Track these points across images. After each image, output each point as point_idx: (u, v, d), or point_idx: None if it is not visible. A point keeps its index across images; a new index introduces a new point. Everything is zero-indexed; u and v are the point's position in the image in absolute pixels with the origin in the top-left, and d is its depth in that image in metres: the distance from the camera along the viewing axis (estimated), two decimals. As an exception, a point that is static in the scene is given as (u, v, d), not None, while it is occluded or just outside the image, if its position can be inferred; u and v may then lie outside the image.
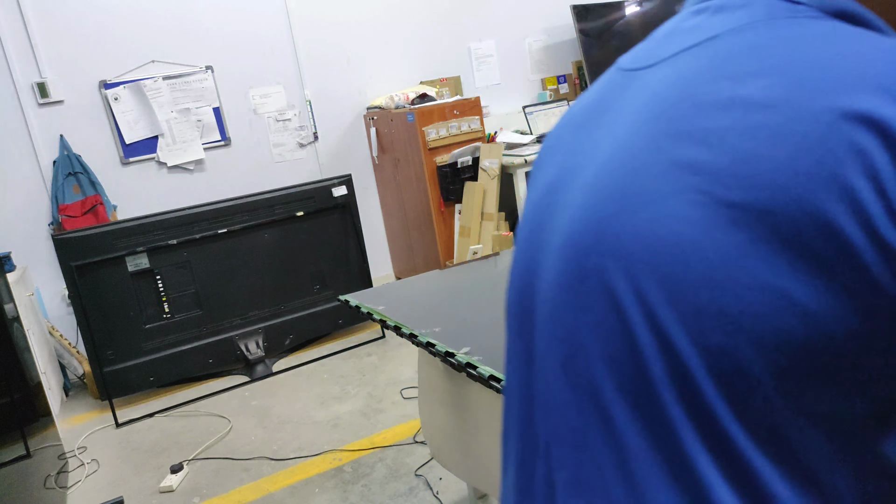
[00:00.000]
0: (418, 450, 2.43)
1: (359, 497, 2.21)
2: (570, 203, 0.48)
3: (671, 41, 0.48)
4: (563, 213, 0.48)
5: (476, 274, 1.93)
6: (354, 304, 1.79)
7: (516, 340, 0.54)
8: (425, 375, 1.82)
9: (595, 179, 0.46)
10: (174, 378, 3.37)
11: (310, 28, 4.14)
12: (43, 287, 3.61)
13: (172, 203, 3.81)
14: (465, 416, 1.63)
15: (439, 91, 4.34)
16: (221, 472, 2.51)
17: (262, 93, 4.06)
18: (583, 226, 0.45)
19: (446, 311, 1.65)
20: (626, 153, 0.44)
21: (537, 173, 0.58)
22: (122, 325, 3.22)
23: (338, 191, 3.60)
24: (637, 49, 0.52)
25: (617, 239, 0.42)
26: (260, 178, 4.09)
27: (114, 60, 3.66)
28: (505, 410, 0.56)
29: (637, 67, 0.49)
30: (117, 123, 3.68)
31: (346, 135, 4.34)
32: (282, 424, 2.82)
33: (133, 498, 2.43)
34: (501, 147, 3.75)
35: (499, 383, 1.22)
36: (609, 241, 0.43)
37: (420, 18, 4.47)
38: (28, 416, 2.27)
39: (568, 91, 5.00)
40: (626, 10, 4.75)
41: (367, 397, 2.95)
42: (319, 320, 3.66)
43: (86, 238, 3.09)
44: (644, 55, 0.50)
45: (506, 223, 3.78)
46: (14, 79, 3.44)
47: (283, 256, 3.55)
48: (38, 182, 3.55)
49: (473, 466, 1.66)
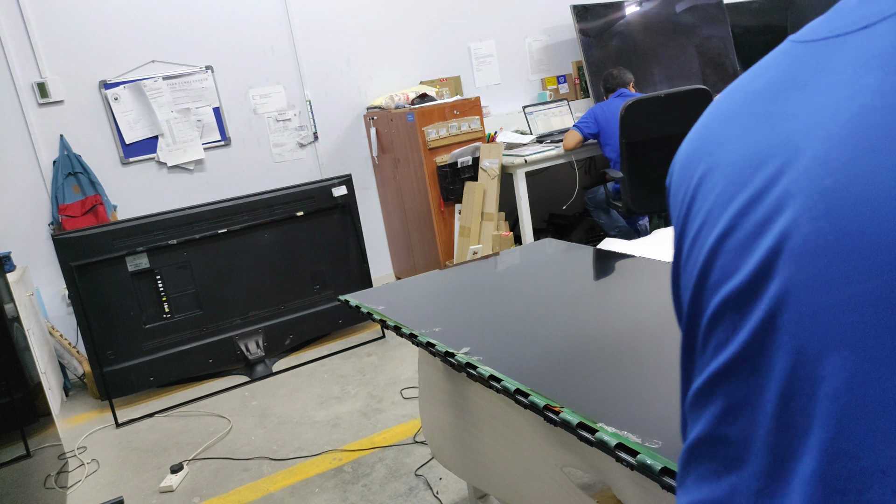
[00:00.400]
0: (418, 450, 2.42)
1: (359, 497, 2.20)
2: (814, 165, 0.44)
3: (875, 5, 0.46)
4: (804, 178, 0.45)
5: (476, 274, 1.93)
6: (354, 304, 1.79)
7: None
8: (425, 375, 1.82)
9: (840, 138, 0.43)
10: (174, 378, 3.37)
11: (310, 28, 4.14)
12: (43, 287, 3.61)
13: (172, 203, 3.81)
14: (466, 416, 1.63)
15: (439, 91, 4.34)
16: (221, 472, 2.51)
17: (262, 93, 4.06)
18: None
19: (446, 311, 1.65)
20: (872, 106, 0.42)
21: (713, 152, 0.54)
22: (122, 325, 3.22)
23: (338, 191, 3.60)
24: (820, 22, 0.51)
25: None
26: (260, 178, 4.09)
27: (114, 60, 3.66)
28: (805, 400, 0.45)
29: (837, 34, 0.48)
30: (117, 123, 3.68)
31: (346, 135, 4.34)
32: (282, 424, 2.82)
33: (133, 498, 2.43)
34: (501, 147, 3.75)
35: (499, 383, 1.22)
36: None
37: (420, 18, 4.47)
38: (28, 416, 2.26)
39: (568, 91, 5.00)
40: (626, 10, 4.75)
41: (367, 397, 2.95)
42: (319, 320, 3.66)
43: (86, 238, 3.09)
44: (841, 23, 0.48)
45: (506, 223, 3.78)
46: (14, 79, 3.44)
47: (283, 256, 3.55)
48: (38, 182, 3.55)
49: (474, 466, 1.65)
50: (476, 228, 3.77)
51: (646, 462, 0.90)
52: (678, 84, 4.80)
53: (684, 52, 4.92)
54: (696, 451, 0.52)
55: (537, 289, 1.71)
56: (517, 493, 1.48)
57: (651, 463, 0.89)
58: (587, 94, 4.87)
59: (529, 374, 1.23)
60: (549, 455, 1.30)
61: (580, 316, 1.48)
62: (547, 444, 1.30)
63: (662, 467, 0.88)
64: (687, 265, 0.54)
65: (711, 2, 4.99)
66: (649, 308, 1.46)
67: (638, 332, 1.34)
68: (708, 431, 0.50)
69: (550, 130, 4.43)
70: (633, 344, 1.29)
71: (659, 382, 1.13)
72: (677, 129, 3.35)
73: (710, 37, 5.00)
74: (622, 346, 1.29)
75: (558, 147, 3.80)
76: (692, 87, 3.32)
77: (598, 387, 1.15)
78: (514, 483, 1.48)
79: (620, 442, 0.95)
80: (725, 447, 0.49)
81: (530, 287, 1.73)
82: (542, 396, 1.13)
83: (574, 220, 4.68)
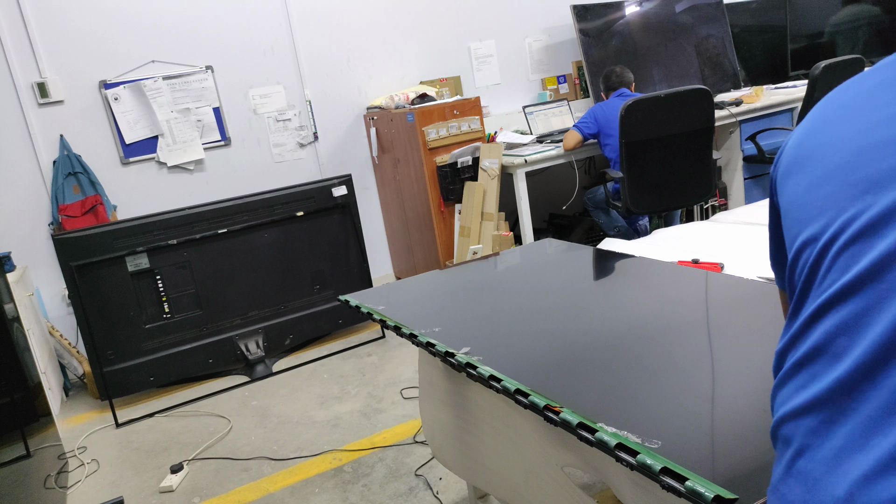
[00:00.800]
0: (418, 450, 2.43)
1: (359, 497, 2.21)
2: None
3: None
4: None
5: (476, 274, 1.93)
6: (354, 304, 1.79)
7: None
8: (426, 375, 1.82)
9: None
10: (174, 378, 3.37)
11: (310, 28, 4.14)
12: (43, 287, 3.61)
13: (172, 203, 3.81)
14: (466, 416, 1.63)
15: (439, 91, 4.34)
16: (221, 472, 2.51)
17: (262, 93, 4.06)
18: None
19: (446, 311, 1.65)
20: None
21: (834, 130, 0.70)
22: (122, 325, 3.23)
23: (338, 191, 3.60)
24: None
25: None
26: (260, 178, 4.09)
27: (114, 60, 3.66)
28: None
29: None
30: (117, 123, 3.68)
31: (346, 135, 4.34)
32: (282, 424, 2.82)
33: (133, 498, 2.43)
34: (501, 147, 3.75)
35: (499, 383, 1.22)
36: None
37: (420, 18, 4.47)
38: (28, 416, 2.27)
39: (568, 91, 5.00)
40: (626, 10, 4.75)
41: (367, 397, 2.95)
42: (319, 320, 3.66)
43: (86, 238, 3.09)
44: None
45: (506, 223, 3.78)
46: (14, 79, 3.44)
47: (283, 256, 3.55)
48: (38, 182, 3.55)
49: (474, 466, 1.66)
50: (476, 228, 3.77)
51: (645, 462, 0.90)
52: (677, 84, 4.81)
53: (683, 52, 4.92)
54: (801, 363, 0.65)
55: (537, 289, 1.71)
56: (517, 493, 1.48)
57: (651, 463, 0.89)
58: (587, 94, 4.87)
59: (529, 374, 1.23)
60: (550, 455, 1.30)
61: (580, 316, 1.48)
62: (547, 443, 1.30)
63: (662, 467, 0.88)
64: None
65: (710, 2, 4.99)
66: (649, 308, 1.46)
67: (638, 332, 1.34)
68: (819, 344, 0.63)
69: (550, 130, 4.44)
70: (633, 344, 1.30)
71: (659, 382, 1.13)
72: (677, 129, 3.35)
73: (709, 36, 5.00)
74: (622, 346, 1.30)
75: (558, 147, 3.80)
76: (692, 87, 3.32)
77: (598, 387, 1.15)
78: (515, 483, 1.48)
79: (620, 442, 0.95)
80: (830, 356, 0.61)
81: (530, 287, 1.74)
82: (542, 396, 1.13)
83: (574, 220, 4.68)
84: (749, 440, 0.92)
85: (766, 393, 1.04)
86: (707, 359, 1.18)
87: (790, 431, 0.65)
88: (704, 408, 1.02)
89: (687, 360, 1.19)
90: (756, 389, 1.05)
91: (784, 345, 0.70)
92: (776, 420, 0.68)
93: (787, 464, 0.64)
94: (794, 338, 0.68)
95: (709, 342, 1.25)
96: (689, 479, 0.84)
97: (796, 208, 0.71)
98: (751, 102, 4.37)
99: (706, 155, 3.47)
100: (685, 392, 1.08)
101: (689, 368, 1.16)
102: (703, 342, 1.25)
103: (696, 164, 3.47)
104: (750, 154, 4.34)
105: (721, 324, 1.32)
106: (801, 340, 0.66)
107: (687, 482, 0.84)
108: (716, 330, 1.29)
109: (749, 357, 1.16)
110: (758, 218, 2.42)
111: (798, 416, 0.64)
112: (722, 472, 0.85)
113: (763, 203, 2.64)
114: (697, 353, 1.21)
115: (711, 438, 0.94)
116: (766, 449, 0.90)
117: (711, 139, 3.46)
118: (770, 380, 1.07)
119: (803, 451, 0.62)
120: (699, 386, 1.09)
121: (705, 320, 1.35)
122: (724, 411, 1.01)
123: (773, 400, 0.71)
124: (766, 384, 1.06)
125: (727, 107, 4.24)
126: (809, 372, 0.64)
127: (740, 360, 1.16)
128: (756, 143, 4.16)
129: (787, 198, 0.73)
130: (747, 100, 4.41)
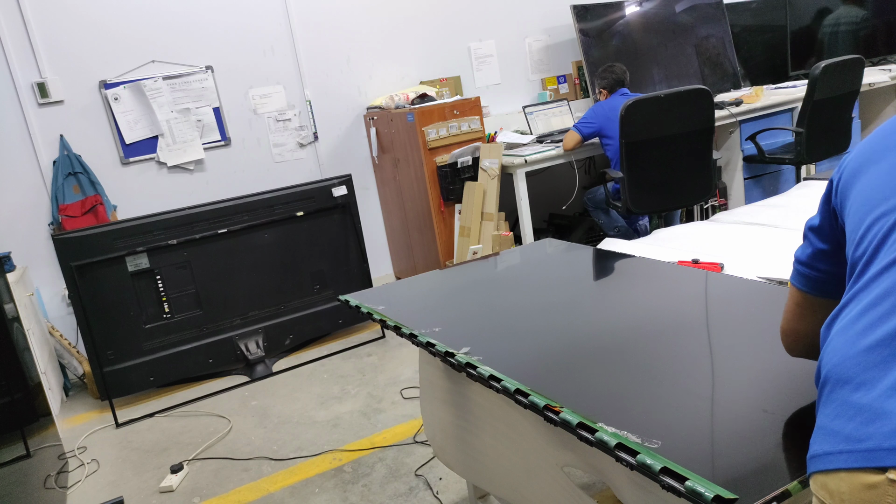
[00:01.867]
0: (418, 450, 2.43)
1: (359, 497, 2.21)
2: None
3: None
4: None
5: (476, 274, 1.93)
6: (354, 304, 1.79)
7: None
8: (426, 374, 1.82)
9: None
10: (174, 378, 3.37)
11: (310, 28, 4.14)
12: (43, 287, 3.61)
13: (172, 203, 3.81)
14: (467, 416, 1.63)
15: (439, 91, 4.34)
16: (221, 472, 2.51)
17: (262, 93, 4.06)
18: None
19: (446, 311, 1.65)
20: None
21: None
22: (122, 325, 3.23)
23: (338, 191, 3.60)
24: None
25: None
26: (260, 178, 4.09)
27: (114, 60, 3.66)
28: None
29: None
30: (117, 123, 3.68)
31: (346, 135, 4.34)
32: (282, 424, 2.82)
33: (133, 498, 2.43)
34: (501, 147, 3.75)
35: (499, 383, 1.22)
36: None
37: (420, 18, 4.47)
38: (28, 416, 2.27)
39: (568, 91, 5.00)
40: (626, 10, 4.75)
41: (367, 397, 2.95)
42: (319, 320, 3.66)
43: (86, 238, 3.09)
44: None
45: (506, 223, 3.78)
46: (14, 79, 3.44)
47: (283, 256, 3.55)
48: (38, 182, 3.55)
49: (475, 465, 1.66)
50: (476, 228, 3.77)
51: (645, 462, 0.90)
52: (677, 84, 4.81)
53: (683, 52, 4.92)
54: (870, 307, 0.73)
55: (537, 289, 1.71)
56: (518, 493, 1.48)
57: (651, 463, 0.89)
58: (587, 94, 4.88)
59: (529, 374, 1.23)
60: (550, 455, 1.30)
61: (580, 316, 1.48)
62: (547, 443, 1.30)
63: (662, 467, 0.88)
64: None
65: (710, 1, 4.99)
66: (649, 308, 1.46)
67: (638, 332, 1.34)
68: (889, 289, 0.72)
69: (550, 130, 4.44)
70: (632, 344, 1.30)
71: (659, 382, 1.13)
72: (677, 129, 3.35)
73: (709, 36, 5.00)
74: (622, 346, 1.30)
75: (558, 147, 3.81)
76: (692, 87, 3.32)
77: (598, 387, 1.15)
78: (515, 482, 1.48)
79: (620, 442, 0.95)
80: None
81: (530, 287, 1.74)
82: (541, 396, 1.13)
83: (574, 220, 4.68)
84: (749, 440, 0.92)
85: (765, 393, 1.04)
86: (707, 359, 1.18)
87: (848, 370, 0.71)
88: (704, 408, 1.02)
89: (687, 360, 1.19)
90: (756, 389, 1.05)
91: (847, 300, 0.78)
92: (835, 362, 0.74)
93: (842, 401, 0.70)
94: (859, 290, 0.76)
95: (709, 342, 1.25)
96: (688, 479, 0.84)
97: (866, 197, 0.81)
98: (751, 102, 4.37)
99: (706, 155, 3.47)
100: (685, 392, 1.08)
101: (689, 368, 1.16)
102: (703, 342, 1.25)
103: (696, 164, 3.47)
104: (750, 154, 4.34)
105: (721, 324, 1.32)
106: (870, 289, 0.74)
107: (687, 482, 0.84)
108: (716, 330, 1.29)
109: (749, 357, 1.16)
110: (758, 218, 2.42)
111: (860, 355, 0.70)
112: (722, 472, 0.85)
113: (763, 203, 2.64)
114: (697, 353, 1.21)
115: (711, 438, 0.94)
116: (766, 449, 0.90)
117: (711, 139, 3.46)
118: (769, 380, 1.07)
119: (861, 386, 0.68)
120: (699, 386, 1.09)
121: (705, 320, 1.35)
122: (723, 411, 1.01)
123: (827, 345, 0.78)
124: (765, 384, 1.06)
125: (727, 107, 4.24)
126: (878, 312, 0.71)
127: (740, 360, 1.16)
128: (756, 143, 4.16)
129: (858, 190, 0.83)
130: (747, 100, 4.41)
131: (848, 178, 0.87)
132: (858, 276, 0.78)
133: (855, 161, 0.87)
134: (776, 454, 0.88)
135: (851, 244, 0.82)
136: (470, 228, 3.79)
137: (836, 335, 0.76)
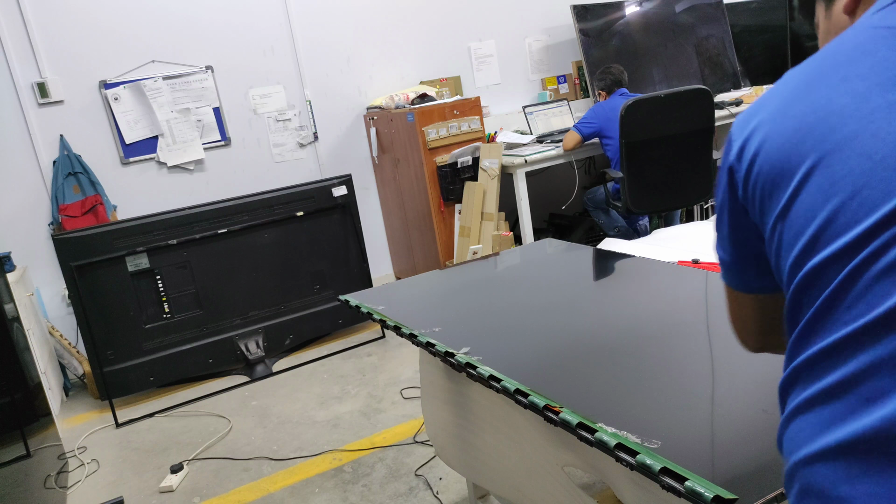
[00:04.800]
0: (418, 450, 2.43)
1: (359, 497, 2.21)
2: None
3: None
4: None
5: (476, 274, 1.93)
6: (354, 304, 1.79)
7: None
8: (427, 374, 1.82)
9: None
10: (174, 378, 3.37)
11: (310, 28, 4.14)
12: (43, 287, 3.61)
13: (172, 203, 3.81)
14: (467, 415, 1.63)
15: (439, 91, 4.34)
16: (221, 472, 2.51)
17: (262, 93, 4.06)
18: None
19: (446, 311, 1.65)
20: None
21: (795, 106, 0.62)
22: (122, 325, 3.22)
23: (338, 191, 3.60)
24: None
25: None
26: (260, 178, 4.09)
27: (114, 60, 3.66)
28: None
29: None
30: (117, 123, 3.68)
31: (346, 135, 4.34)
32: (282, 424, 2.82)
33: (133, 498, 2.43)
34: (501, 147, 3.75)
35: (498, 383, 1.22)
36: None
37: (420, 18, 4.47)
38: (28, 416, 2.27)
39: (568, 91, 5.00)
40: (626, 10, 4.75)
41: (367, 397, 2.95)
42: (319, 320, 3.66)
43: (86, 238, 3.09)
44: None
45: (506, 223, 3.78)
46: (14, 79, 3.44)
47: (283, 256, 3.55)
48: (38, 182, 3.55)
49: (476, 465, 1.66)
50: (476, 228, 3.77)
51: (645, 462, 0.90)
52: (677, 84, 4.80)
53: (683, 52, 4.92)
54: (823, 397, 0.57)
55: (537, 289, 1.71)
56: (519, 492, 1.48)
57: (650, 463, 0.89)
58: (587, 94, 4.87)
59: (529, 374, 1.23)
60: (550, 455, 1.30)
61: (580, 316, 1.48)
62: (547, 443, 1.30)
63: (662, 467, 0.88)
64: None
65: (710, 2, 4.99)
66: (649, 308, 1.46)
67: (638, 332, 1.34)
68: (847, 379, 0.55)
69: (550, 130, 4.43)
70: (632, 344, 1.30)
71: (658, 382, 1.13)
72: (677, 129, 3.35)
73: (709, 36, 5.00)
74: (622, 346, 1.30)
75: (558, 147, 3.80)
76: (692, 87, 3.32)
77: (597, 387, 1.15)
78: (516, 482, 1.48)
79: (620, 442, 0.95)
80: (864, 397, 0.54)
81: (530, 287, 1.74)
82: (541, 396, 1.13)
83: (574, 220, 4.68)
84: (749, 440, 0.92)
85: (765, 393, 1.04)
86: (707, 359, 1.18)
87: (814, 478, 0.56)
88: (704, 408, 1.02)
89: (687, 361, 1.19)
90: (755, 389, 1.05)
91: (799, 363, 0.59)
92: (795, 461, 0.59)
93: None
94: (810, 363, 0.58)
95: (708, 342, 1.25)
96: (688, 480, 0.84)
97: (807, 211, 0.59)
98: (751, 102, 4.37)
99: (706, 155, 3.48)
100: (685, 392, 1.08)
101: (689, 368, 1.16)
102: (702, 342, 1.25)
103: (696, 164, 3.47)
104: (750, 154, 4.33)
105: (721, 324, 1.32)
106: (823, 370, 0.57)
107: (686, 482, 0.84)
108: (715, 330, 1.29)
109: (749, 357, 1.16)
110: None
111: (822, 459, 0.55)
112: (721, 473, 0.85)
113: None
114: (697, 354, 1.21)
115: (711, 438, 0.94)
116: (766, 449, 0.90)
117: (711, 139, 3.46)
118: (769, 380, 1.07)
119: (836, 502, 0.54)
120: (699, 386, 1.09)
121: (705, 320, 1.35)
122: (723, 411, 1.01)
123: (784, 433, 0.62)
124: (765, 384, 1.06)
125: (727, 107, 4.24)
126: (834, 409, 0.55)
127: (740, 360, 1.16)
128: (756, 143, 4.15)
129: (802, 198, 0.60)
130: (747, 100, 4.41)
131: (772, 167, 0.62)
132: (820, 317, 0.57)
133: (779, 140, 0.62)
134: (776, 454, 0.88)
135: (791, 248, 0.60)
136: (470, 228, 3.79)
137: (796, 414, 0.60)
